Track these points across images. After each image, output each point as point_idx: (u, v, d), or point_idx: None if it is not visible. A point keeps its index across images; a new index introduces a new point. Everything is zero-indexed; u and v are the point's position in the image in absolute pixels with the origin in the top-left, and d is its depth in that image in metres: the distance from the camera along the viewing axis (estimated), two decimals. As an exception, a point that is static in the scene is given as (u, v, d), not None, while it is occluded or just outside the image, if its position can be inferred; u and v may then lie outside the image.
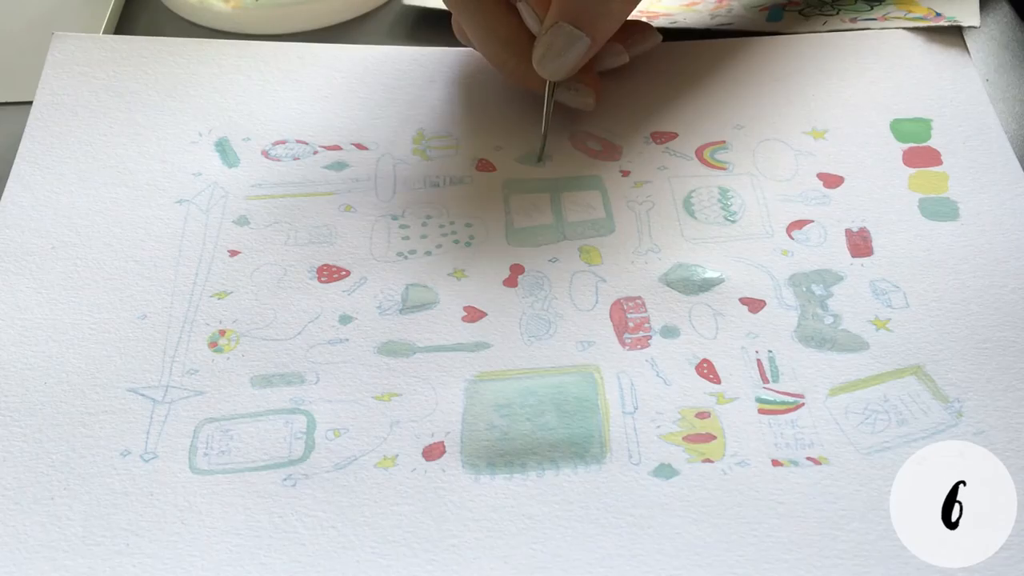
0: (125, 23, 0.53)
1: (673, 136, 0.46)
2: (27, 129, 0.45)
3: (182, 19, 0.53)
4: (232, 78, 0.48)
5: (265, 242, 0.42)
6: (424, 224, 0.43)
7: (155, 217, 0.43)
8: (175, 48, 0.49)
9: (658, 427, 0.36)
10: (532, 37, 0.42)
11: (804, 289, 0.40)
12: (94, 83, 0.47)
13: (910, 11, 0.50)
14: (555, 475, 0.35)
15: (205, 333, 0.39)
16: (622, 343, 0.38)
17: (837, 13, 0.51)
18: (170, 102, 0.47)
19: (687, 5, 0.53)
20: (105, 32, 0.51)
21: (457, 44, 0.47)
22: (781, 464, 0.35)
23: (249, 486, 0.35)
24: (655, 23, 0.52)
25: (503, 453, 0.35)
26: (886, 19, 0.50)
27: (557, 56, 0.41)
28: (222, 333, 0.39)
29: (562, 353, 0.38)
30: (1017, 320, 0.38)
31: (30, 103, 0.46)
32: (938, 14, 0.49)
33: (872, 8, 0.51)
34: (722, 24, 0.51)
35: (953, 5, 0.50)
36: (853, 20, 0.50)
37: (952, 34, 0.49)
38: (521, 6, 0.42)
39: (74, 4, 0.53)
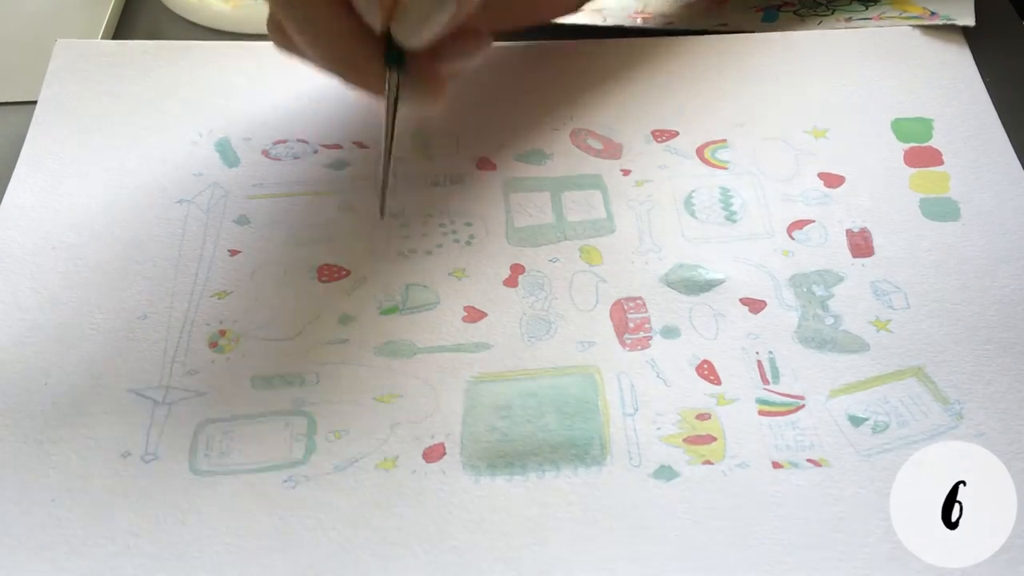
0: (125, 22, 0.53)
1: (674, 134, 0.45)
2: (29, 133, 0.45)
3: (182, 18, 0.53)
4: (232, 79, 0.48)
5: (265, 242, 0.42)
6: (424, 223, 0.42)
7: (155, 217, 0.43)
8: (175, 51, 0.49)
9: (658, 428, 0.36)
10: (368, 32, 0.37)
11: (805, 290, 0.40)
12: (96, 87, 0.47)
13: (905, 10, 0.50)
14: (555, 477, 0.35)
15: (205, 333, 0.39)
16: (622, 343, 0.38)
17: (832, 13, 0.51)
18: (170, 104, 0.47)
19: (682, 6, 0.53)
20: (106, 30, 0.51)
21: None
22: (781, 466, 0.35)
23: (250, 487, 0.35)
24: (649, 24, 0.52)
25: (503, 455, 0.35)
26: (881, 19, 0.50)
27: (421, 18, 0.36)
28: (222, 333, 0.39)
29: (562, 354, 0.38)
30: (1018, 321, 0.38)
31: (30, 103, 0.47)
32: (933, 13, 0.49)
33: (867, 8, 0.51)
34: (717, 25, 0.51)
35: (948, 4, 0.50)
36: (848, 20, 0.50)
37: (953, 33, 0.49)
38: None
39: (75, 3, 0.53)
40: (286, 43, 0.39)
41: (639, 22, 0.52)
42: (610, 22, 0.51)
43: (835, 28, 0.49)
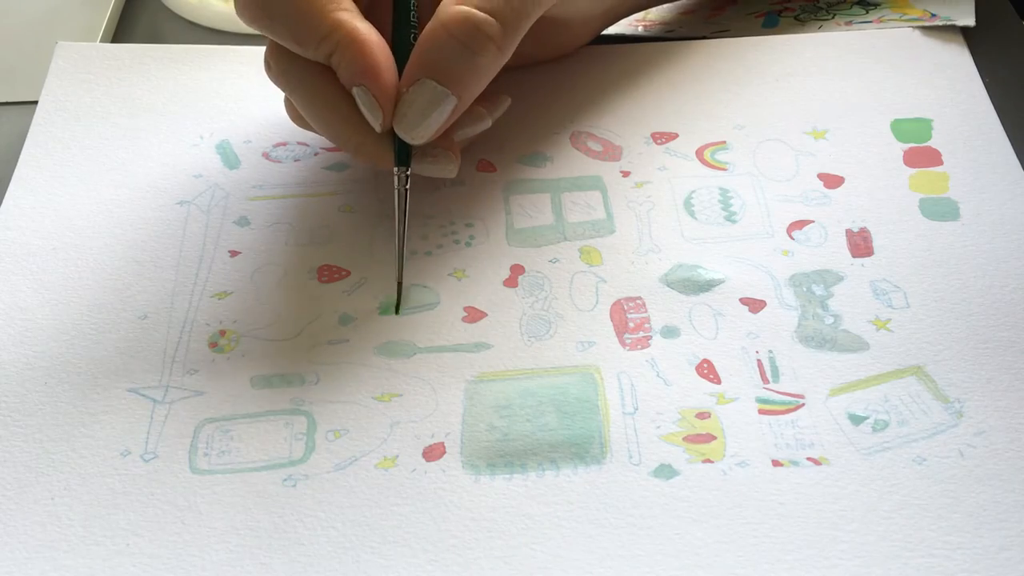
0: (125, 23, 0.53)
1: (673, 136, 0.46)
2: (30, 134, 0.45)
3: (182, 19, 0.53)
4: (233, 82, 0.48)
5: (266, 242, 0.42)
6: (424, 224, 0.43)
7: (156, 218, 0.43)
8: (177, 55, 0.49)
9: (658, 427, 0.36)
10: None
11: (804, 289, 0.40)
12: (96, 90, 0.48)
13: (905, 13, 0.50)
14: (555, 476, 0.35)
15: (205, 333, 0.39)
16: (622, 343, 0.38)
17: (832, 17, 0.51)
18: (171, 107, 0.47)
19: (682, 13, 0.54)
20: (106, 30, 0.51)
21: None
22: (781, 464, 0.35)
23: (249, 486, 0.35)
24: (650, 32, 0.52)
25: (503, 454, 0.35)
26: (881, 22, 0.50)
27: (421, 116, 0.38)
28: (222, 333, 0.39)
29: (562, 353, 0.38)
30: (1018, 320, 0.38)
31: (30, 103, 0.47)
32: (933, 15, 0.49)
33: (867, 12, 0.51)
34: (718, 32, 0.51)
35: (948, 5, 0.50)
36: (848, 24, 0.50)
37: (952, 34, 0.49)
38: (358, 92, 0.38)
39: (75, 3, 0.53)
40: (301, 122, 0.42)
41: (640, 30, 0.52)
42: (611, 30, 0.51)
43: (835, 32, 0.50)
